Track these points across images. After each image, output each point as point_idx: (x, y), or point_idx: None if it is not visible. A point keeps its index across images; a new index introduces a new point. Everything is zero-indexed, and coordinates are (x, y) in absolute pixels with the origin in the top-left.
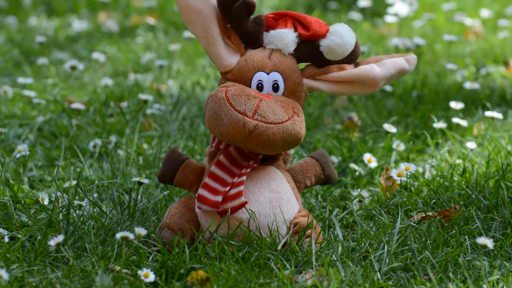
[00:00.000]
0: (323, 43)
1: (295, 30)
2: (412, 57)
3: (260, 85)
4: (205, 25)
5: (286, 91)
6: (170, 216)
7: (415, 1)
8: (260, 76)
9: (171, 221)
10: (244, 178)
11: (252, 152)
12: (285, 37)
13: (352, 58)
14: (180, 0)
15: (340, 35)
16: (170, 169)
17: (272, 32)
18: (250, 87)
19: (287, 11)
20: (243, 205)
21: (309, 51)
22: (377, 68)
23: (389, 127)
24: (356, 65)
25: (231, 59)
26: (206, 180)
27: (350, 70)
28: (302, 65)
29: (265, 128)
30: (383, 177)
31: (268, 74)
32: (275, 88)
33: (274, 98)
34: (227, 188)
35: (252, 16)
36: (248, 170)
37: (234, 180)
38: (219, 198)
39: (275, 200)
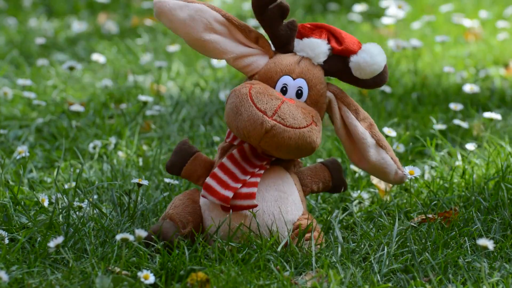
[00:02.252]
0: (353, 59)
1: (328, 42)
2: (402, 176)
3: (284, 88)
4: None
5: (309, 99)
6: (173, 207)
7: (406, 4)
8: (285, 79)
9: (174, 212)
10: (258, 179)
11: (265, 153)
12: (317, 47)
13: (378, 82)
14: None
15: (371, 54)
16: (180, 160)
17: (305, 40)
18: (274, 89)
19: (324, 24)
20: (252, 207)
21: (339, 65)
22: (373, 149)
23: (388, 131)
24: (371, 127)
25: (259, 60)
26: (216, 170)
27: (358, 125)
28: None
29: (282, 130)
30: (373, 180)
31: (294, 79)
32: (299, 94)
33: (296, 103)
34: (239, 185)
35: (285, 21)
36: (262, 171)
37: (246, 178)
38: (230, 194)
39: (280, 199)
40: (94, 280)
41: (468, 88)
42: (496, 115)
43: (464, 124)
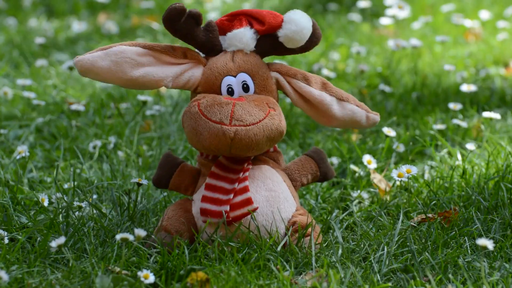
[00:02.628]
0: (281, 34)
1: (251, 27)
2: (374, 117)
3: (230, 89)
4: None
5: (256, 89)
6: (167, 218)
7: (406, 5)
8: (228, 80)
9: (168, 223)
10: (247, 183)
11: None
12: (243, 36)
13: (314, 41)
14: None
15: (295, 22)
16: (166, 173)
17: (229, 34)
18: (220, 93)
19: (240, 10)
20: (254, 210)
21: (270, 44)
22: (336, 105)
23: (388, 131)
24: (325, 86)
25: (194, 72)
26: (205, 193)
27: (312, 90)
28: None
29: (246, 131)
30: (374, 180)
31: (235, 76)
32: (245, 88)
33: (247, 99)
34: (231, 195)
35: (202, 26)
36: (246, 173)
37: (234, 186)
38: (226, 208)
39: (272, 198)
40: (94, 280)
41: (465, 87)
42: (496, 115)
43: (464, 124)
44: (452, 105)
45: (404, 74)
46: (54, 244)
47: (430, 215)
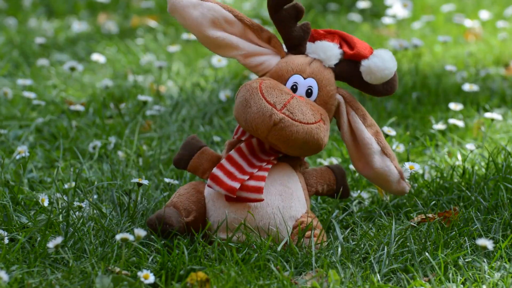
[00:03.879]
0: (364, 63)
1: (340, 47)
2: (404, 186)
3: (294, 87)
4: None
5: (318, 100)
6: (177, 195)
7: (410, 3)
8: (296, 78)
9: (178, 200)
10: (266, 173)
11: (272, 148)
12: (329, 50)
13: (388, 89)
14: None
15: (382, 59)
16: (187, 153)
17: (317, 42)
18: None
19: (337, 30)
20: (258, 200)
21: (350, 70)
22: (379, 156)
23: (388, 130)
24: (377, 134)
25: (271, 59)
26: (223, 162)
27: (364, 130)
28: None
29: (290, 124)
30: None
31: (304, 78)
32: (309, 93)
33: (306, 100)
34: (246, 177)
35: (300, 23)
36: (269, 166)
37: (253, 171)
38: (236, 185)
39: (285, 194)
40: (94, 280)
41: (467, 87)
42: (497, 116)
43: (464, 124)
44: (453, 105)
45: (405, 74)
46: (51, 244)
47: (430, 215)
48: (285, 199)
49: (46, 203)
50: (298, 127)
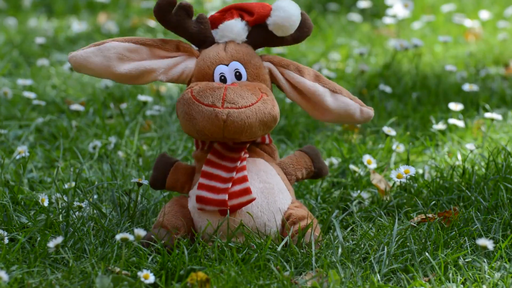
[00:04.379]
0: (269, 21)
1: (242, 19)
2: (368, 111)
3: (222, 77)
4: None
5: (249, 77)
6: (163, 215)
7: (411, 3)
8: (220, 69)
9: (165, 219)
10: (245, 173)
11: (234, 142)
12: (234, 27)
13: (305, 31)
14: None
15: (283, 9)
16: (161, 173)
17: (220, 26)
18: (213, 81)
19: (231, 4)
20: (251, 201)
21: (261, 34)
22: (329, 97)
23: (388, 130)
24: (318, 78)
25: (187, 63)
26: (201, 180)
27: (305, 81)
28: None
29: (238, 114)
30: (373, 180)
31: (227, 65)
32: (238, 76)
33: (239, 85)
34: (229, 185)
35: (194, 18)
36: (244, 163)
37: (232, 175)
38: (224, 196)
39: (266, 190)
40: (94, 280)
41: (467, 87)
42: (497, 116)
43: (463, 124)
44: (453, 105)
45: (405, 74)
46: (51, 244)
47: (430, 215)
48: (268, 195)
49: (46, 203)
50: (246, 112)
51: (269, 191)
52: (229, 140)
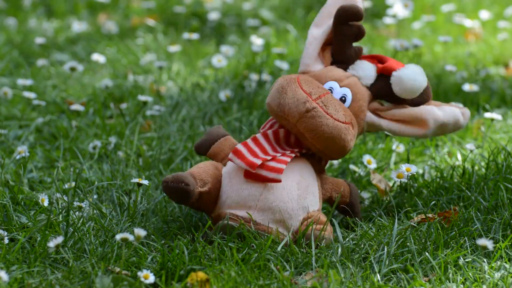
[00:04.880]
0: (395, 73)
1: (375, 65)
2: (467, 111)
3: (330, 90)
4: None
5: (350, 109)
6: (196, 167)
7: (411, 3)
8: (332, 84)
9: (196, 171)
10: (289, 159)
11: (296, 142)
12: (367, 68)
13: (425, 98)
14: None
15: (412, 70)
16: (210, 139)
17: (357, 62)
18: None
19: (377, 54)
20: (276, 181)
21: (384, 86)
22: (437, 110)
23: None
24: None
25: (316, 66)
26: (248, 140)
27: (410, 108)
28: None
29: (322, 115)
30: (373, 180)
31: (340, 86)
32: (342, 100)
33: (339, 102)
34: (268, 157)
35: (356, 44)
36: (293, 155)
37: (276, 155)
38: (258, 161)
39: (302, 185)
40: (94, 280)
41: (467, 87)
42: (497, 116)
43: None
44: None
45: None
46: (52, 244)
47: (430, 215)
48: (301, 189)
49: (46, 203)
50: (329, 120)
51: (304, 187)
52: (296, 132)
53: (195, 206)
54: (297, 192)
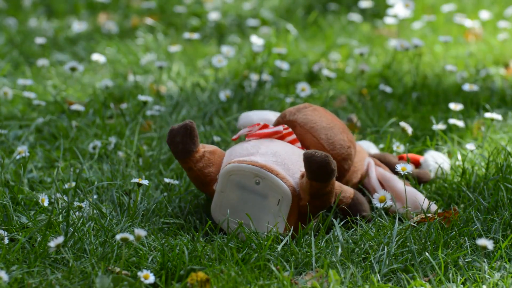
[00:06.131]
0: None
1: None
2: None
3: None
4: None
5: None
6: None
7: (412, 3)
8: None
9: (203, 146)
10: (281, 129)
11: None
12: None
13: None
14: None
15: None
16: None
17: None
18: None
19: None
20: (277, 132)
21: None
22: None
23: (405, 127)
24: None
25: None
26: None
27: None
28: None
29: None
30: None
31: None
32: None
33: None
34: (265, 129)
35: None
36: (294, 135)
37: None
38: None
39: (297, 151)
40: (94, 280)
41: (467, 87)
42: (497, 116)
43: (464, 124)
44: (453, 105)
45: (405, 74)
46: (52, 244)
47: (430, 215)
48: (294, 154)
49: (46, 203)
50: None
51: (299, 153)
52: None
53: (197, 169)
54: (291, 150)
